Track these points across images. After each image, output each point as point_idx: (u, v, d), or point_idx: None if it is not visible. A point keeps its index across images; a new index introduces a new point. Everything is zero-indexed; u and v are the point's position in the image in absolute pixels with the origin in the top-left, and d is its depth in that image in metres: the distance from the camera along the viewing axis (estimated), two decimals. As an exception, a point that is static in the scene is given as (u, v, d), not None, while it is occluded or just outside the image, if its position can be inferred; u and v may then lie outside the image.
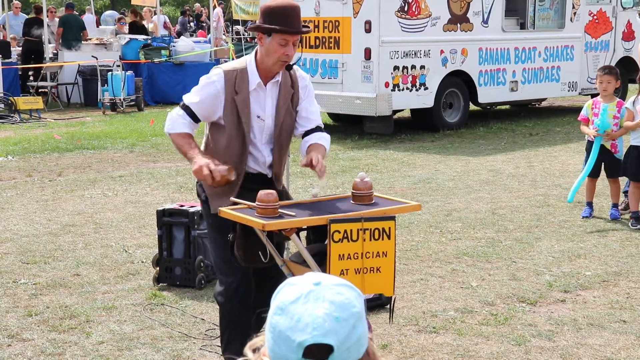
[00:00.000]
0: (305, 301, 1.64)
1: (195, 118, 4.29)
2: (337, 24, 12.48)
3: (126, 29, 22.36)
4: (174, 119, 4.29)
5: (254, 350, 1.77)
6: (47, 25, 18.02)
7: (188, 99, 4.31)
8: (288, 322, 1.63)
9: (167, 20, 25.78)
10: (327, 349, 1.61)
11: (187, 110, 4.28)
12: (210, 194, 4.35)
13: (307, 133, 4.40)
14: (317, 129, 4.40)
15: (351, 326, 1.64)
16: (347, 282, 1.71)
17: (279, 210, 4.05)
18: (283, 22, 4.13)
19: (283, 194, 4.49)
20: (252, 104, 4.26)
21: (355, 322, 1.65)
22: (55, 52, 18.16)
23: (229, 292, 4.40)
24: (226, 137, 4.30)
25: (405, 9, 12.38)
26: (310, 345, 1.61)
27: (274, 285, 4.62)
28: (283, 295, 1.68)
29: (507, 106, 16.01)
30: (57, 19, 18.86)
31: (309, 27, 4.30)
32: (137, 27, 19.69)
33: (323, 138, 4.37)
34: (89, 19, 23.26)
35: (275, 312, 1.66)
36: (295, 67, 4.40)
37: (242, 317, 4.47)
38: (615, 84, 7.77)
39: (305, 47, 12.91)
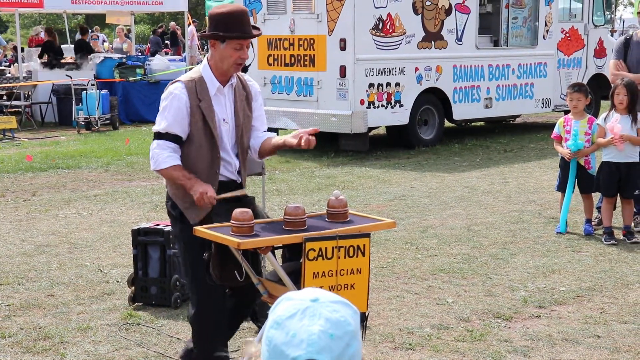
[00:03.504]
0: (301, 317, 1.67)
1: (177, 140, 4.28)
2: (312, 41, 12.53)
3: (102, 48, 22.26)
4: (157, 155, 4.25)
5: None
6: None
7: (160, 126, 4.29)
8: (283, 337, 1.66)
9: (106, 39, 25.87)
10: None
11: (166, 136, 4.26)
12: (185, 208, 4.35)
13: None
14: (267, 130, 4.64)
15: (345, 344, 1.66)
16: (344, 299, 1.74)
17: (255, 228, 4.05)
18: (237, 29, 4.23)
19: (251, 202, 4.53)
20: (215, 109, 4.34)
21: (349, 340, 1.67)
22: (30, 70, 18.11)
23: (202, 313, 4.39)
24: (195, 147, 4.33)
25: (380, 26, 12.46)
26: None
27: (250, 296, 4.62)
28: (280, 309, 1.70)
29: (482, 123, 16.12)
30: None
31: (259, 30, 4.40)
32: (52, 48, 18.94)
33: (272, 136, 4.59)
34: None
35: (271, 325, 1.69)
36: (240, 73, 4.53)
37: (218, 337, 4.46)
38: (585, 101, 7.85)
39: (281, 65, 12.96)
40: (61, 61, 18.69)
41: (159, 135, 4.27)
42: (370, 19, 12.34)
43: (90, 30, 28.55)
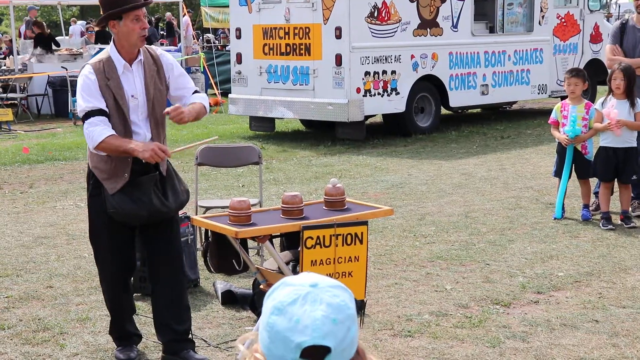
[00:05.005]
0: (302, 303, 1.69)
1: (104, 113, 4.45)
2: (307, 30, 12.51)
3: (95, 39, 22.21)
4: (91, 132, 4.41)
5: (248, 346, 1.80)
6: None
7: (83, 105, 4.46)
8: (287, 323, 1.67)
9: (83, 29, 25.90)
10: (324, 350, 1.67)
11: (92, 113, 4.42)
12: (103, 179, 4.54)
13: None
14: (195, 92, 4.69)
15: (347, 328, 1.70)
16: (341, 283, 1.76)
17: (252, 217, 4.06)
18: (128, 1, 4.40)
19: (168, 178, 4.64)
20: (124, 86, 4.51)
21: (350, 324, 1.71)
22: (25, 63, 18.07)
23: (108, 281, 4.85)
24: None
25: (375, 14, 12.43)
26: (308, 346, 1.66)
27: (169, 276, 4.86)
28: (280, 295, 1.72)
29: (478, 110, 16.11)
30: None
31: None
32: (43, 39, 18.90)
33: (199, 97, 4.64)
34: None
35: (272, 312, 1.70)
36: (153, 46, 4.68)
37: (124, 304, 4.89)
38: (582, 86, 7.84)
39: (276, 54, 12.93)
40: (57, 53, 18.62)
41: (86, 115, 4.43)
42: (365, 6, 12.31)
43: (86, 22, 28.51)
